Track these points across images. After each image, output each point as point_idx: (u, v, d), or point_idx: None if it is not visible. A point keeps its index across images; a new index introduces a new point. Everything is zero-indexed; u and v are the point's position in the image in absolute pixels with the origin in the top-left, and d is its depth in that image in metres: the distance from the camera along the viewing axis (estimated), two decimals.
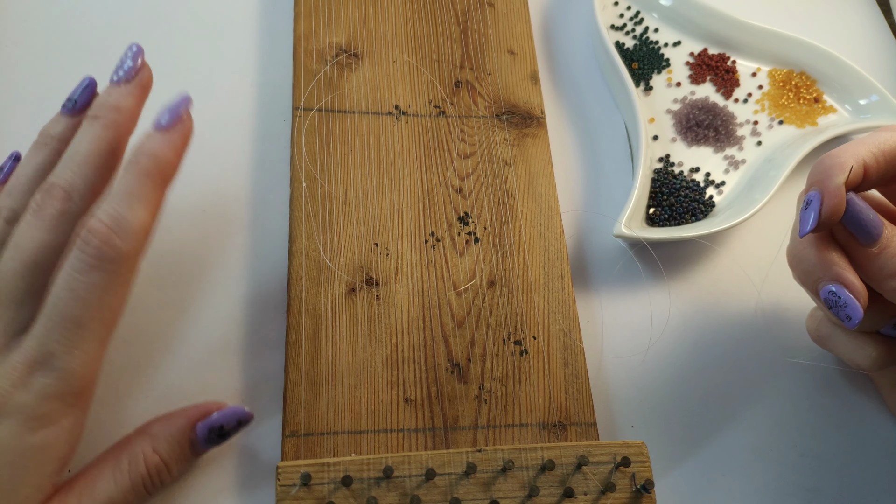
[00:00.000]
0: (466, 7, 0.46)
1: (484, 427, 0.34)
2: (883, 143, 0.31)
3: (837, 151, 0.30)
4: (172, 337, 0.35)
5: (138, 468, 0.28)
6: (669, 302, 0.40)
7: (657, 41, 0.50)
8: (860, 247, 0.30)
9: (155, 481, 0.29)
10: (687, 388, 0.38)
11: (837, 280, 0.30)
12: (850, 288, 0.30)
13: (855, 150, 0.30)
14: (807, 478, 0.36)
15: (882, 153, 0.31)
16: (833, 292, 0.30)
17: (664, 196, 0.43)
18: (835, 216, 0.29)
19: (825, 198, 0.29)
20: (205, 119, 0.41)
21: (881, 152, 0.31)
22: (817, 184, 0.30)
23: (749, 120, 0.47)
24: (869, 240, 0.30)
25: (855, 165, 0.30)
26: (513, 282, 0.37)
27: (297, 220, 0.37)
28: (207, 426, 0.30)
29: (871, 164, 0.30)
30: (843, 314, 0.30)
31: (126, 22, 0.44)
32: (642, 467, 0.32)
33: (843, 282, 0.30)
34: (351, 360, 0.34)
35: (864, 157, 0.30)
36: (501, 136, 0.42)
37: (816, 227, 0.29)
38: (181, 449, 0.30)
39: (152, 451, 0.29)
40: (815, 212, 0.29)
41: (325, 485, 0.30)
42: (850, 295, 0.30)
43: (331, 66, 0.42)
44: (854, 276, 0.30)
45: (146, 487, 0.29)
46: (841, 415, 0.38)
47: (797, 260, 0.32)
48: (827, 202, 0.29)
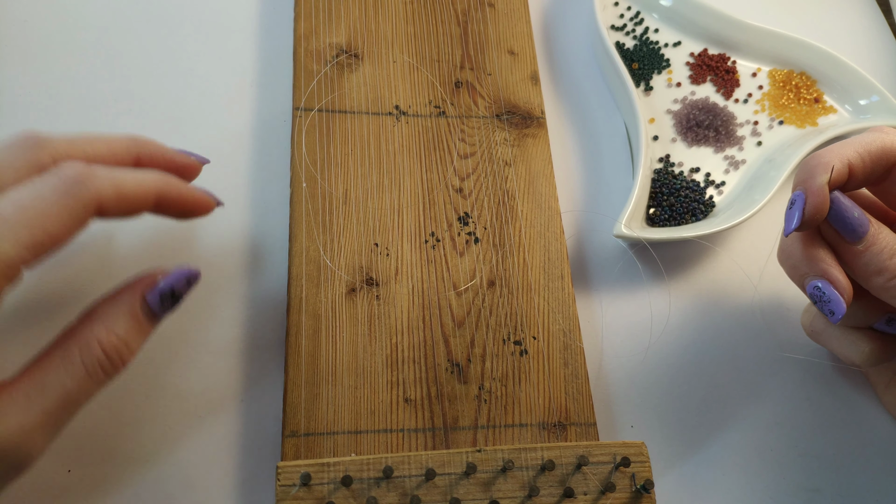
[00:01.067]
0: (466, 7, 0.46)
1: (484, 427, 0.34)
2: (869, 143, 0.31)
3: (822, 152, 0.31)
4: (172, 337, 0.35)
5: (93, 353, 0.26)
6: (669, 302, 0.40)
7: (657, 41, 0.50)
8: (847, 245, 0.31)
9: (115, 362, 0.27)
10: (687, 388, 0.38)
11: (822, 276, 0.31)
12: (835, 283, 0.30)
13: (840, 150, 0.31)
14: (807, 478, 0.36)
15: (868, 153, 0.31)
16: (818, 287, 0.31)
17: (664, 196, 0.43)
18: (818, 215, 0.30)
19: (808, 197, 0.30)
20: (205, 119, 0.41)
21: (867, 152, 0.31)
22: (801, 183, 0.31)
23: (749, 120, 0.47)
24: (854, 238, 0.31)
25: (839, 165, 0.30)
26: (513, 282, 0.37)
27: (297, 220, 0.37)
28: (158, 293, 0.28)
29: (857, 164, 0.31)
30: (827, 309, 0.31)
31: (126, 22, 0.44)
32: (642, 467, 0.32)
33: (828, 277, 0.31)
34: (351, 360, 0.34)
35: (849, 157, 0.31)
36: (501, 137, 0.42)
37: (800, 225, 0.30)
38: (137, 322, 0.28)
39: (107, 332, 0.27)
40: (799, 211, 0.30)
41: (325, 485, 0.30)
42: (835, 290, 0.30)
43: (331, 66, 0.42)
44: (839, 272, 0.31)
45: (105, 371, 0.27)
46: (841, 415, 0.38)
47: (785, 255, 0.33)
48: (810, 201, 0.30)
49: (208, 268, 0.37)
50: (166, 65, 0.43)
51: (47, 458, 0.32)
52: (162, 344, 0.35)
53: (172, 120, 0.41)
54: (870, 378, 0.38)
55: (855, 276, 0.31)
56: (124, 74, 0.42)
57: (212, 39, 0.44)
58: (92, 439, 0.32)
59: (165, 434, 0.33)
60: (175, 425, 0.33)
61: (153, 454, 0.33)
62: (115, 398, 0.33)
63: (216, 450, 0.33)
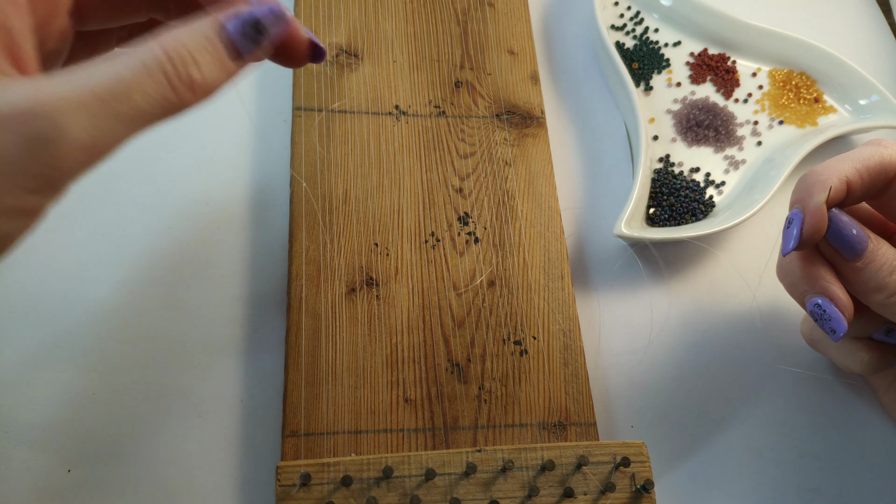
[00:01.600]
0: (466, 7, 0.46)
1: (484, 427, 0.34)
2: (867, 158, 0.31)
3: (820, 168, 0.31)
4: (172, 337, 0.35)
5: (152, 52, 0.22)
6: (669, 302, 0.40)
7: (657, 41, 0.50)
8: (846, 261, 0.31)
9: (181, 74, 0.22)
10: (687, 388, 0.38)
11: (823, 294, 0.30)
12: (836, 301, 0.30)
13: (838, 167, 0.30)
14: (807, 478, 0.36)
15: (866, 168, 0.31)
16: (819, 305, 0.30)
17: (664, 196, 0.43)
18: (816, 234, 0.30)
19: (806, 217, 0.30)
20: (205, 119, 0.41)
21: (864, 168, 0.31)
22: (799, 202, 0.30)
23: (749, 120, 0.47)
24: (853, 255, 0.30)
25: (836, 183, 0.30)
26: (513, 282, 0.37)
27: (297, 220, 0.37)
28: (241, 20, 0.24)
29: (855, 180, 0.31)
30: (828, 327, 0.30)
31: None
32: (642, 467, 0.32)
33: (828, 295, 0.30)
34: (351, 360, 0.34)
35: (847, 173, 0.30)
36: (501, 136, 0.42)
37: (798, 245, 0.30)
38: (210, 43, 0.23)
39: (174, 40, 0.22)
40: (797, 230, 0.30)
41: (324, 485, 0.30)
42: (836, 309, 0.30)
43: (331, 66, 0.42)
44: (840, 289, 0.30)
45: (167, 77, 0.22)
46: (840, 415, 0.38)
47: (784, 273, 0.32)
48: (808, 221, 0.30)
49: (209, 267, 0.37)
50: None
51: (47, 458, 0.32)
52: (162, 344, 0.35)
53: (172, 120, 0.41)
54: (870, 381, 0.38)
55: (854, 292, 0.31)
56: None
57: None
58: (92, 439, 0.32)
59: (165, 434, 0.33)
60: (175, 425, 0.33)
61: (153, 454, 0.33)
62: (115, 398, 0.33)
63: (216, 450, 0.33)
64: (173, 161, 0.40)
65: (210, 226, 0.38)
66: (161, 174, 0.39)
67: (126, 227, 0.37)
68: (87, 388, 0.33)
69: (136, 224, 0.38)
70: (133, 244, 0.37)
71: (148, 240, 0.37)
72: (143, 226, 0.38)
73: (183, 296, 0.36)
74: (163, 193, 0.39)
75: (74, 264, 0.36)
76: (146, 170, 0.39)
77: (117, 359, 0.34)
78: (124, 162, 0.39)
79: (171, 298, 0.36)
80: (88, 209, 0.38)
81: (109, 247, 0.37)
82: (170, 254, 0.37)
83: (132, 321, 0.35)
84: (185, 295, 0.36)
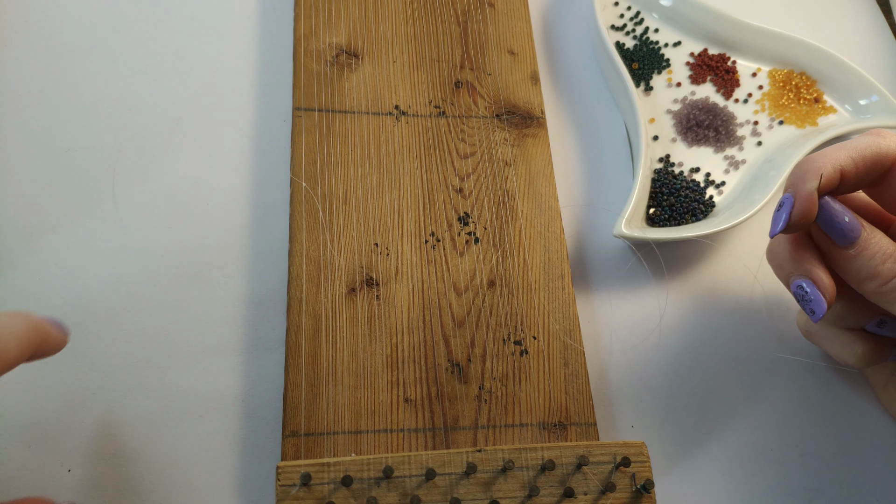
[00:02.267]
0: (466, 7, 0.46)
1: (484, 427, 0.34)
2: (864, 147, 0.31)
3: (816, 156, 0.31)
4: (172, 337, 0.35)
5: None
6: (669, 302, 0.40)
7: (657, 41, 0.50)
8: (839, 249, 0.31)
9: None
10: (687, 387, 0.38)
11: (806, 276, 0.31)
12: (818, 283, 0.31)
13: (833, 155, 0.31)
14: (807, 478, 0.36)
15: (862, 157, 0.31)
16: (801, 286, 0.31)
17: (664, 196, 0.43)
18: (805, 219, 0.30)
19: (797, 202, 0.31)
20: (205, 119, 0.41)
21: (860, 157, 0.31)
22: (791, 187, 0.31)
23: (749, 120, 0.47)
24: (845, 242, 0.31)
25: (830, 171, 0.30)
26: (513, 282, 0.37)
27: (297, 220, 0.37)
28: None
29: (849, 169, 0.31)
30: (809, 308, 0.31)
31: (127, 22, 0.44)
32: (642, 467, 0.32)
33: (811, 277, 0.31)
34: (351, 360, 0.34)
35: (842, 161, 0.31)
36: (501, 137, 0.42)
37: (786, 228, 0.31)
38: None
39: None
40: (786, 214, 0.31)
41: (325, 485, 0.30)
42: (818, 290, 0.31)
43: (331, 66, 0.42)
44: (823, 272, 0.31)
45: None
46: (841, 414, 0.38)
47: (773, 255, 0.33)
48: (798, 206, 0.30)
49: (209, 268, 0.37)
50: (166, 65, 0.43)
51: (47, 458, 0.32)
52: (162, 344, 0.35)
53: (172, 120, 0.41)
54: (868, 378, 0.39)
55: (848, 280, 0.32)
56: (125, 75, 0.42)
57: (212, 40, 0.44)
58: (92, 439, 0.32)
59: (165, 434, 0.33)
60: (175, 425, 0.33)
61: (153, 454, 0.33)
62: (115, 398, 0.33)
63: (216, 450, 0.33)
64: (173, 161, 0.40)
65: (210, 226, 0.38)
66: (161, 175, 0.39)
67: (126, 228, 0.37)
68: (87, 388, 0.33)
69: (137, 224, 0.38)
70: (133, 244, 0.37)
71: (148, 240, 0.37)
72: (143, 226, 0.38)
73: (183, 296, 0.36)
74: (163, 194, 0.39)
75: (74, 264, 0.36)
76: (146, 170, 0.39)
77: (117, 359, 0.34)
78: (124, 162, 0.39)
79: (171, 298, 0.36)
80: (88, 210, 0.38)
81: (109, 247, 0.37)
82: (170, 254, 0.37)
83: (132, 321, 0.35)
84: (185, 295, 0.36)
